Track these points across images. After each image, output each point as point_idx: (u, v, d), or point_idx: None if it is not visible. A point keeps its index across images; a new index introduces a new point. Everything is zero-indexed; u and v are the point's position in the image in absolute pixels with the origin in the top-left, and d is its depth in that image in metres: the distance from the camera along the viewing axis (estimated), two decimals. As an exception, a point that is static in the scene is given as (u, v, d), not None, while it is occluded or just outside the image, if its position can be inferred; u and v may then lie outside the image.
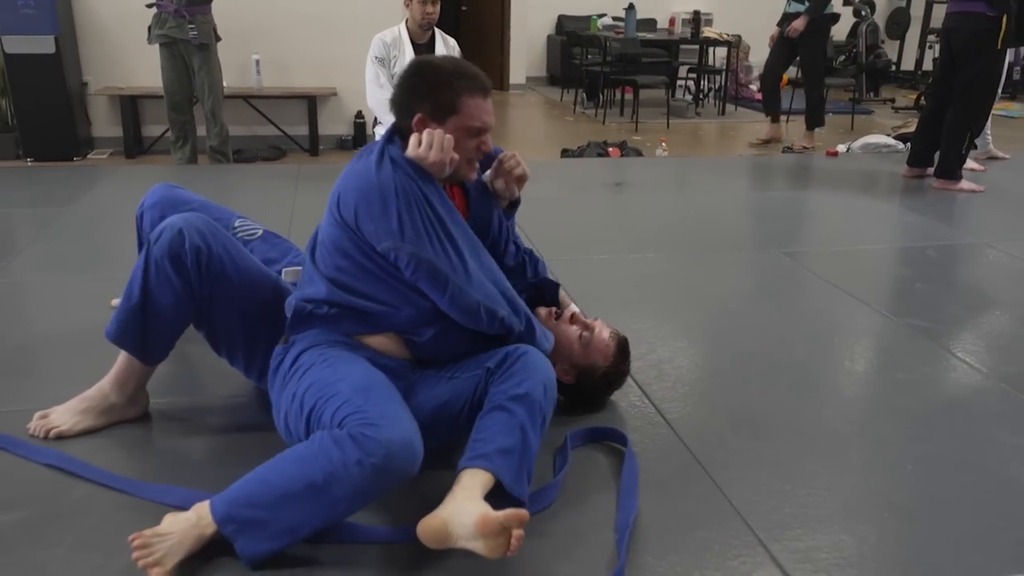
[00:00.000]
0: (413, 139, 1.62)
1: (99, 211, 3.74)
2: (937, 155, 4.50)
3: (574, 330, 1.88)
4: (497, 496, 1.43)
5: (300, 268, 1.90)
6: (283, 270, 1.94)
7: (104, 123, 5.80)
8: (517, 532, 1.31)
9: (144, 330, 1.72)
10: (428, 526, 1.36)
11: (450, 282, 1.58)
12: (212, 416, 1.91)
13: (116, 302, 2.22)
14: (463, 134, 1.64)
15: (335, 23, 5.74)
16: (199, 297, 1.69)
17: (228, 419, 1.90)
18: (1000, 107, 7.10)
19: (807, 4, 5.95)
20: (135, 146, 5.78)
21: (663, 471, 1.72)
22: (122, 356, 1.78)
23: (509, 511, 1.31)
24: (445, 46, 4.23)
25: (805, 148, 6.17)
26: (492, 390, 1.58)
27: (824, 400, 2.07)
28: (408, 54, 4.08)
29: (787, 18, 6.23)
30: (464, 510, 1.36)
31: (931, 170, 4.59)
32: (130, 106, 5.71)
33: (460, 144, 1.64)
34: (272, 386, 1.67)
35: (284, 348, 1.67)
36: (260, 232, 2.09)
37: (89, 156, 5.65)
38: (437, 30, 4.21)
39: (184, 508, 1.51)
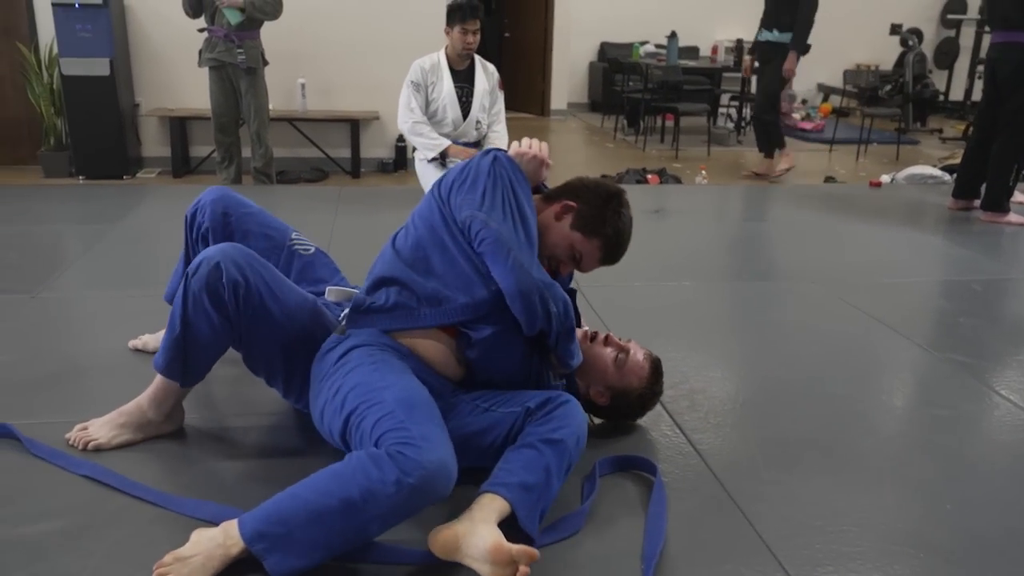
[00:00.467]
0: (514, 144, 1.85)
1: (146, 229, 3.83)
2: (984, 187, 4.42)
3: (609, 352, 1.89)
4: (507, 527, 1.46)
5: (345, 288, 1.96)
6: (328, 289, 1.96)
7: (154, 143, 5.97)
8: (524, 569, 1.35)
9: (185, 358, 1.75)
10: (441, 537, 1.42)
11: (512, 253, 1.62)
12: (247, 434, 1.94)
13: (134, 342, 2.35)
14: (569, 245, 1.81)
15: (379, 48, 5.86)
16: (237, 329, 1.71)
17: (263, 438, 1.93)
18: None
19: (783, 33, 5.99)
20: (182, 166, 5.94)
21: (692, 502, 1.71)
22: (159, 377, 1.82)
23: (524, 547, 1.36)
24: (484, 73, 4.28)
25: (784, 170, 6.30)
26: (528, 429, 1.63)
27: (860, 434, 2.03)
28: (446, 80, 4.14)
29: (759, 47, 6.31)
30: (479, 532, 1.40)
31: (977, 202, 4.51)
32: (179, 127, 5.88)
33: (559, 243, 1.81)
34: (316, 368, 1.70)
35: (338, 338, 1.70)
36: (313, 250, 2.12)
37: (138, 175, 5.81)
38: (477, 57, 4.26)
39: (215, 523, 1.55)
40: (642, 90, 8.04)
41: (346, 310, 1.81)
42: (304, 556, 1.37)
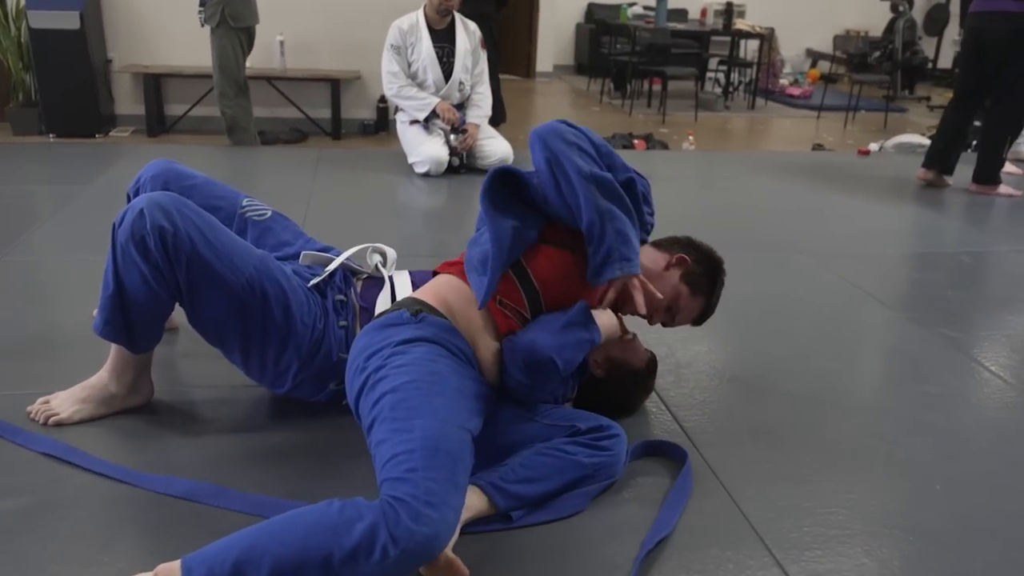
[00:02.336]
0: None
1: (119, 191, 3.68)
2: (976, 160, 4.34)
3: (620, 324, 1.80)
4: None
5: (319, 253, 1.85)
6: (303, 253, 1.86)
7: (127, 101, 5.81)
8: None
9: (125, 319, 1.64)
10: None
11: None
12: (219, 409, 1.86)
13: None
14: (676, 296, 1.77)
15: (360, 5, 5.69)
16: (172, 281, 1.58)
17: (235, 413, 1.85)
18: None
19: None
20: (158, 125, 5.78)
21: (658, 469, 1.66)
22: (113, 345, 1.73)
23: (461, 567, 1.30)
24: (465, 32, 4.16)
25: None
26: (573, 449, 1.56)
27: (848, 412, 1.99)
28: (425, 41, 4.03)
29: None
30: None
31: (948, 178, 4.39)
32: (153, 84, 5.71)
33: (665, 291, 1.74)
34: (371, 335, 1.55)
35: (409, 318, 1.56)
36: (269, 213, 1.98)
37: (111, 134, 5.66)
38: (457, 16, 4.14)
39: (189, 499, 1.49)
40: (629, 53, 7.91)
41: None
42: None
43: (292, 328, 1.66)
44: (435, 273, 1.78)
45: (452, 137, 4.13)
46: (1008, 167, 4.74)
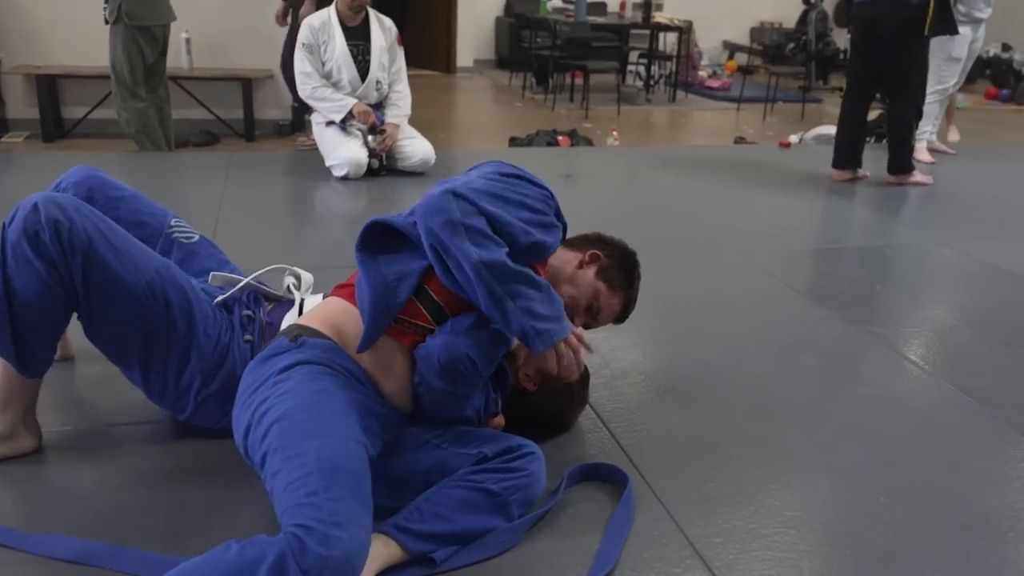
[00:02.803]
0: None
1: (12, 201, 3.43)
2: (888, 151, 4.40)
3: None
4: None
5: (230, 275, 1.75)
6: (212, 274, 1.75)
7: (19, 104, 5.43)
8: None
9: (13, 327, 1.48)
10: None
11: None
12: (114, 449, 1.69)
13: None
14: (594, 294, 1.69)
15: (272, 1, 5.44)
16: (68, 281, 1.46)
17: (132, 449, 1.69)
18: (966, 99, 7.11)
19: None
20: (55, 129, 5.42)
21: (617, 505, 1.57)
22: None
23: None
24: (381, 28, 4.00)
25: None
26: (480, 477, 1.44)
27: (788, 420, 1.94)
28: (338, 38, 3.86)
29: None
30: None
31: (862, 171, 4.45)
32: (48, 86, 5.35)
33: (583, 290, 1.68)
34: (252, 372, 1.45)
35: (289, 344, 1.45)
36: (197, 238, 1.89)
37: (3, 139, 5.28)
38: (371, 11, 3.98)
39: (80, 563, 1.34)
40: (550, 47, 7.84)
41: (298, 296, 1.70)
42: None
43: (195, 338, 1.56)
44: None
45: (371, 138, 3.97)
46: (924, 156, 4.85)
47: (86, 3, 5.09)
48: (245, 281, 1.74)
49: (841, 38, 10.70)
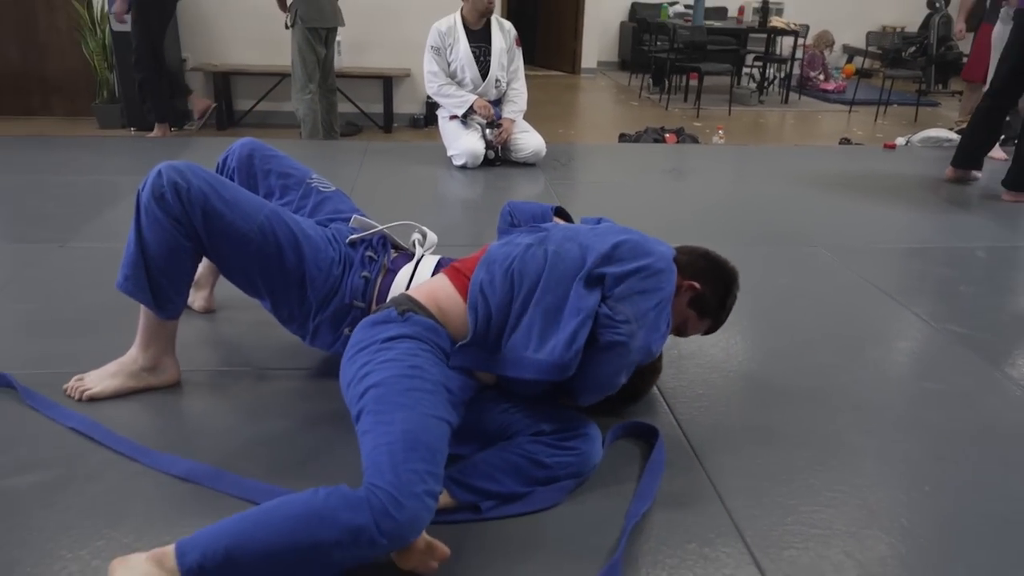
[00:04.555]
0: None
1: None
2: (1010, 163, 3.95)
3: None
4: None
5: (367, 220, 1.85)
6: (353, 217, 1.87)
7: (200, 96, 5.84)
8: (432, 564, 1.26)
9: (149, 277, 1.64)
10: None
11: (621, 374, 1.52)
12: (241, 390, 1.84)
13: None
14: (683, 322, 1.70)
15: (410, 8, 5.63)
16: (190, 232, 1.61)
17: (261, 394, 1.82)
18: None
19: None
20: (227, 119, 5.82)
21: (666, 475, 1.57)
22: (142, 315, 1.73)
23: (441, 548, 1.26)
24: (501, 31, 4.06)
25: None
26: (535, 448, 1.49)
27: (845, 409, 1.86)
28: (462, 41, 3.95)
29: None
30: None
31: (976, 172, 4.10)
32: (223, 81, 5.74)
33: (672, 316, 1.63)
34: (360, 332, 1.51)
35: (396, 316, 1.50)
36: (333, 188, 2.02)
37: (185, 127, 5.71)
38: (493, 16, 4.04)
39: (188, 480, 1.46)
40: (668, 49, 7.68)
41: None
42: None
43: (307, 271, 1.68)
44: (440, 269, 1.72)
45: (488, 132, 4.04)
46: (999, 152, 4.44)
47: (255, 13, 5.46)
48: (378, 229, 1.83)
49: (965, 43, 9.93)
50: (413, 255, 1.82)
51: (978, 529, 1.45)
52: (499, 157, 4.12)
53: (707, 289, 1.67)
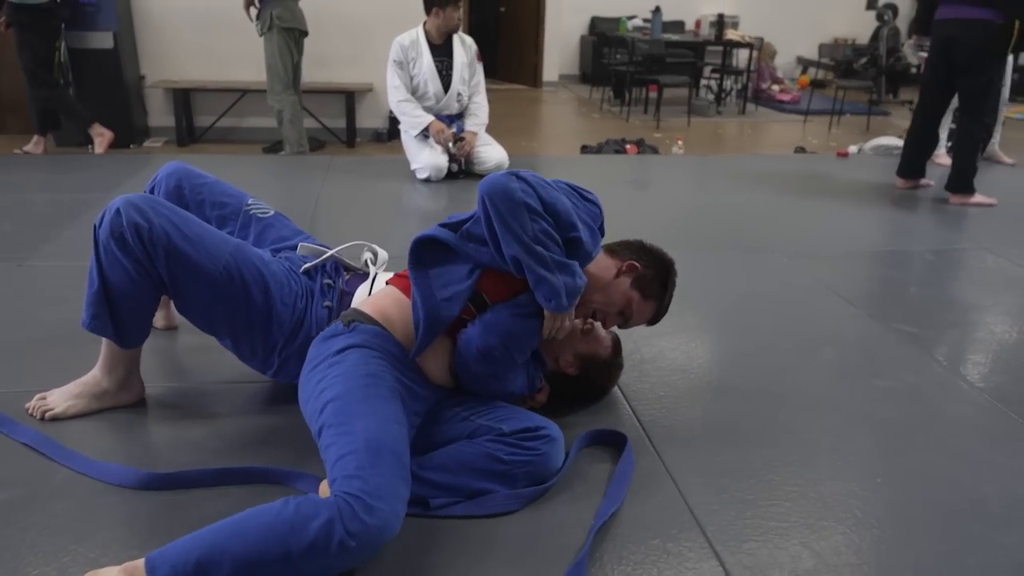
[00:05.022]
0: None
1: (140, 197, 3.71)
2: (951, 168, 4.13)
3: (577, 321, 1.77)
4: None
5: (315, 246, 1.84)
6: (300, 245, 1.86)
7: (160, 113, 5.81)
8: None
9: (112, 314, 1.62)
10: None
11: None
12: (207, 403, 1.84)
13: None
14: (627, 302, 1.70)
15: (371, 23, 5.66)
16: (154, 274, 1.56)
17: (222, 406, 1.82)
18: (1015, 111, 6.72)
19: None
20: (187, 135, 5.78)
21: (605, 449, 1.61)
22: (104, 341, 1.71)
23: None
24: (462, 46, 4.11)
25: None
26: (493, 445, 1.51)
27: (801, 407, 1.93)
28: (425, 55, 3.99)
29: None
30: None
31: (924, 180, 4.27)
32: (183, 98, 5.70)
33: (616, 298, 1.69)
34: (314, 349, 1.55)
35: (343, 329, 1.54)
36: (271, 212, 1.97)
37: (145, 144, 5.66)
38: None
39: (121, 485, 1.48)
40: (628, 63, 7.82)
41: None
42: None
43: (273, 308, 1.65)
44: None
45: (451, 145, 4.08)
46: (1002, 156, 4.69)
47: (216, 29, 5.45)
48: (329, 253, 1.82)
49: (913, 53, 10.26)
50: (367, 274, 1.83)
51: (926, 517, 1.52)
52: (462, 170, 4.16)
53: (645, 268, 1.71)
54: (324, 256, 1.82)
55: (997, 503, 1.57)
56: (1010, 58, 4.19)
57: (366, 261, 1.90)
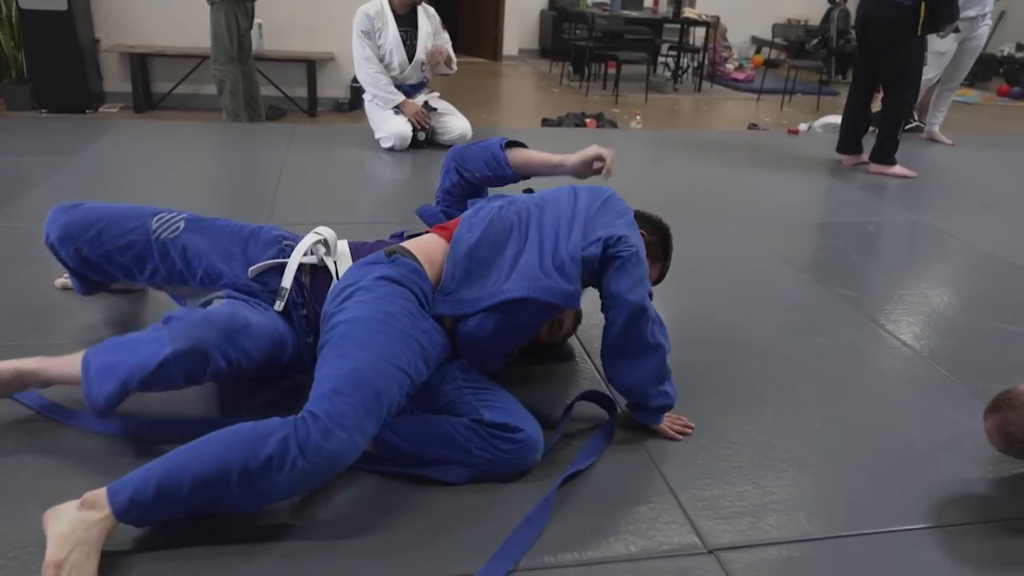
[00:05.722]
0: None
1: (105, 161, 3.68)
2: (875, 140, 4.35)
3: None
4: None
5: (265, 263, 1.68)
6: (250, 269, 1.68)
7: (116, 79, 5.70)
8: None
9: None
10: None
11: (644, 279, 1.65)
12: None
13: (61, 281, 2.13)
14: None
15: (334, -9, 5.62)
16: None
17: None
18: (960, 93, 6.99)
19: None
20: (144, 102, 5.68)
21: (593, 422, 1.72)
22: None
23: None
24: (426, 15, 4.13)
25: None
26: (467, 433, 1.47)
27: (749, 361, 2.06)
28: (391, 26, 4.00)
29: None
30: None
31: (865, 155, 4.49)
32: (140, 63, 5.60)
33: None
34: (351, 271, 1.57)
35: (384, 258, 1.57)
36: (181, 224, 1.72)
37: (101, 109, 5.56)
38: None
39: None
40: (587, 38, 7.88)
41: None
42: (175, 513, 1.25)
43: (285, 365, 1.65)
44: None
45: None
46: (944, 138, 5.01)
47: (173, -10, 5.34)
48: (289, 278, 1.66)
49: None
50: (327, 269, 1.72)
51: (859, 458, 1.66)
52: (428, 139, 4.20)
53: (651, 236, 1.86)
54: (285, 281, 1.66)
55: (923, 445, 1.72)
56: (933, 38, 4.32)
57: (321, 258, 1.73)
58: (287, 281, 1.66)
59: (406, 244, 1.66)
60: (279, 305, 1.64)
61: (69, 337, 1.91)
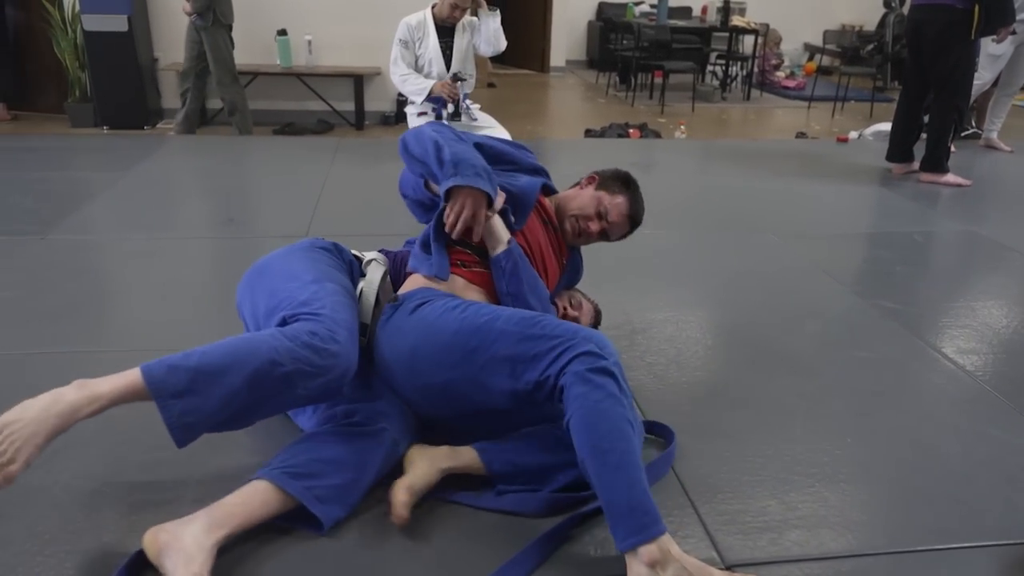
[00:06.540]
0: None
1: (158, 176, 3.83)
2: (925, 148, 4.23)
3: (565, 300, 1.95)
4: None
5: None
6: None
7: (173, 95, 5.91)
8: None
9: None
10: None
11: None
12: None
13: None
14: (597, 201, 1.87)
15: (380, 7, 5.73)
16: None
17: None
18: (1019, 98, 6.72)
19: None
20: (199, 117, 5.87)
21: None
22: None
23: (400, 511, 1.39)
24: (468, 27, 4.19)
25: None
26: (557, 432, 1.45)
27: (782, 374, 2.03)
28: (432, 36, 4.08)
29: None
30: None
31: (917, 164, 4.36)
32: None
33: (587, 202, 1.87)
34: (432, 310, 1.54)
35: (391, 305, 1.61)
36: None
37: (158, 125, 5.78)
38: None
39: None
40: (634, 48, 7.87)
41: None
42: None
43: None
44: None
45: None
46: (1002, 145, 4.84)
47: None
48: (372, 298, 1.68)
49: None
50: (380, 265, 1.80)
51: (889, 473, 1.62)
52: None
53: (603, 174, 1.93)
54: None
55: (959, 462, 1.67)
56: (987, 41, 4.21)
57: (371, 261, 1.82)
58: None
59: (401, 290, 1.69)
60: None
61: (118, 345, 1.99)
